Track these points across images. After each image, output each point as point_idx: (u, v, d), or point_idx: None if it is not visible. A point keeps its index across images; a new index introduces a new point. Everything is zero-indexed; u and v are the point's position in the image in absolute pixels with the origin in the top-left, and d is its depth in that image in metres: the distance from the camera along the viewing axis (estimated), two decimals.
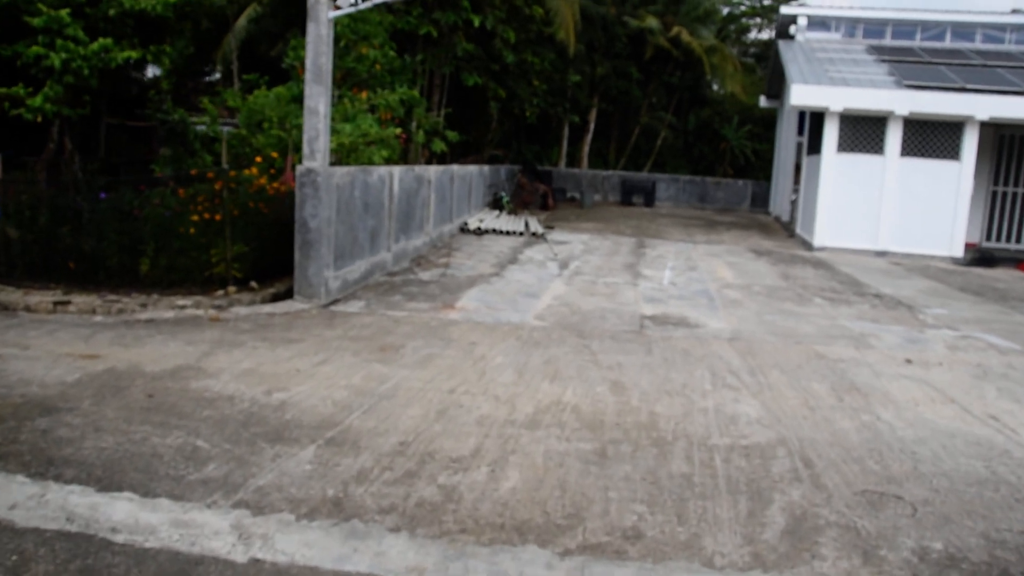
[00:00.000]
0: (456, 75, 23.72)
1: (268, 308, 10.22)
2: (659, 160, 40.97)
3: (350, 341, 8.78)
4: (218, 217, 11.11)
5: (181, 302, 10.40)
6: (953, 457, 6.14)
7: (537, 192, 26.74)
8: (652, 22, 36.30)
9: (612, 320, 10.43)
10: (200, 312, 9.91)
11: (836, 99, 18.95)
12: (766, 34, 49.63)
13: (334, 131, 13.57)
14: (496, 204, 23.67)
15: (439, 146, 21.17)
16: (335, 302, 10.65)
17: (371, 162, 14.03)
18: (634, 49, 37.33)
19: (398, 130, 13.94)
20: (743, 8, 48.66)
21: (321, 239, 10.24)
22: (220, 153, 13.93)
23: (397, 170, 13.42)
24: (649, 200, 31.46)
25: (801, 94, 19.09)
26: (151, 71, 25.75)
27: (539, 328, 9.78)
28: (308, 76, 10.32)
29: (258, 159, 11.99)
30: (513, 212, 23.28)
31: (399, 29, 21.25)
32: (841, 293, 13.66)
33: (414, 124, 20.99)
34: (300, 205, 10.25)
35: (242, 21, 28.21)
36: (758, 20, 49.26)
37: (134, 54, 12.76)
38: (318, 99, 10.24)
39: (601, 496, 5.18)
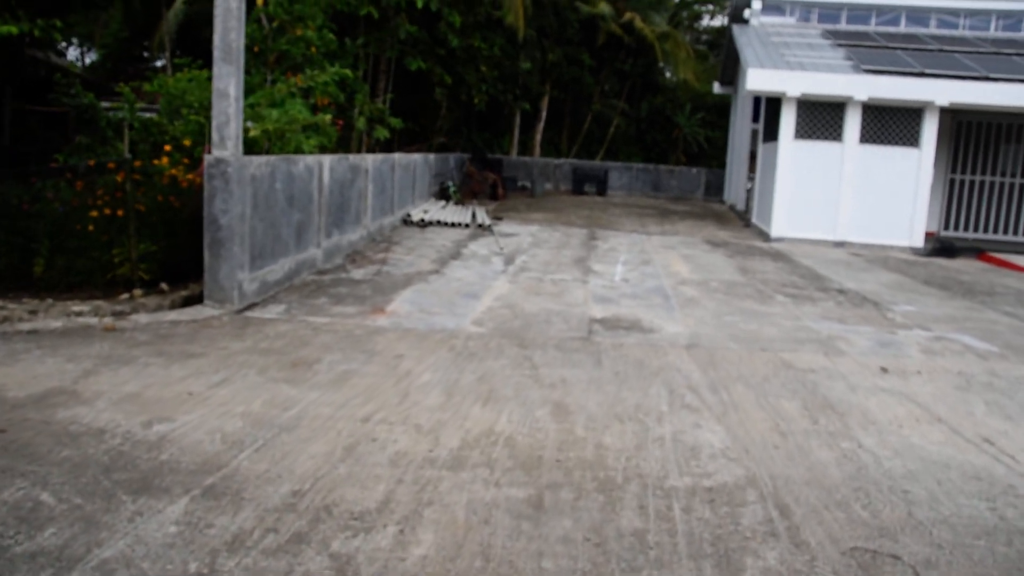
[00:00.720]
0: (402, 60, 22.49)
1: (173, 315, 8.99)
2: (612, 148, 40.03)
3: (259, 355, 7.60)
4: (120, 213, 9.86)
5: (77, 308, 9.14)
6: (952, 497, 5.14)
7: (486, 181, 25.60)
8: (604, 8, 35.28)
9: (558, 325, 9.35)
10: (94, 320, 8.65)
11: (794, 84, 18.01)
12: (718, 21, 48.86)
13: (259, 117, 12.32)
14: (443, 194, 22.50)
15: (382, 133, 19.94)
16: (251, 307, 9.45)
17: (301, 150, 12.79)
18: (586, 35, 36.31)
19: (328, 116, 12.70)
20: None
21: (233, 237, 9.03)
22: (135, 141, 12.60)
23: (328, 159, 12.22)
24: (602, 189, 30.45)
25: (757, 79, 18.13)
26: (74, 54, 24.22)
27: (476, 336, 8.66)
28: (216, 54, 9.07)
29: (167, 148, 10.70)
30: (460, 202, 22.13)
31: (339, 11, 19.96)
32: (803, 289, 12.72)
33: (356, 111, 19.74)
34: (209, 199, 9.03)
35: (179, 3, 26.72)
36: (710, 7, 48.45)
37: (13, 29, 11.35)
38: (228, 80, 9.01)
39: (533, 567, 4.09)
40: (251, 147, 12.12)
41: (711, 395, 7.01)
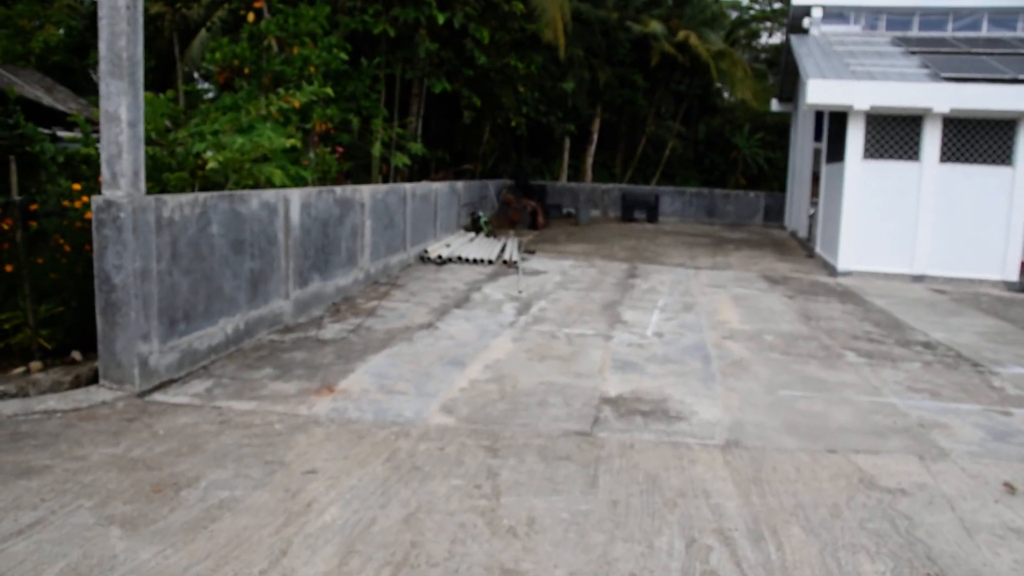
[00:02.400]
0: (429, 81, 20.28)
1: (54, 401, 6.74)
2: (668, 171, 37.41)
3: (119, 472, 5.29)
4: (9, 268, 7.69)
5: None
6: None
7: (525, 210, 23.20)
8: (656, 27, 32.83)
9: (555, 409, 6.87)
10: None
11: (861, 95, 15.29)
12: (777, 38, 46.04)
13: (220, 146, 10.11)
14: (475, 225, 20.15)
15: (400, 160, 17.72)
16: (163, 386, 7.16)
17: (271, 183, 10.56)
18: (638, 55, 33.84)
19: (289, 141, 10.40)
20: (752, 12, 45.09)
21: (130, 300, 6.76)
22: (87, 176, 10.49)
23: (297, 193, 9.95)
24: (652, 215, 27.82)
25: (819, 91, 15.44)
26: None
27: (436, 432, 6.23)
28: (103, 67, 6.84)
29: (76, 186, 8.50)
30: (492, 234, 19.75)
31: (355, 30, 17.84)
32: (880, 342, 10.02)
33: (373, 137, 17.54)
34: (99, 253, 6.79)
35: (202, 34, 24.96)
36: (768, 24, 45.67)
37: None
38: (118, 100, 6.77)
39: None
40: (208, 181, 9.93)
41: (751, 549, 4.46)
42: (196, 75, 29.67)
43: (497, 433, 6.22)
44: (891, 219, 15.80)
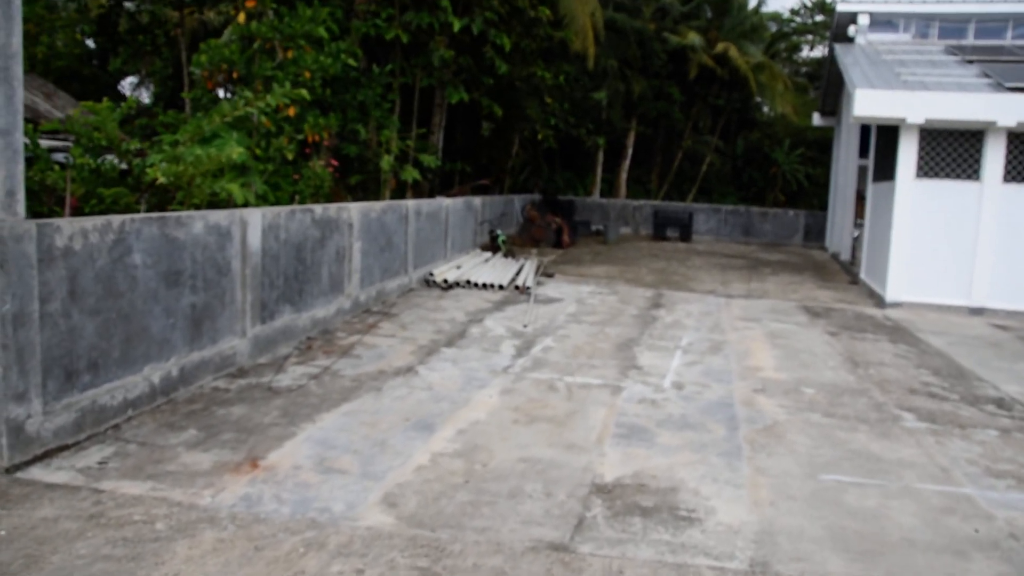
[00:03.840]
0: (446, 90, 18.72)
1: None
2: (704, 187, 35.54)
3: None
4: None
5: None
6: None
7: (550, 227, 21.50)
8: (694, 38, 31.05)
9: (530, 503, 5.19)
10: None
11: (915, 107, 13.42)
12: (819, 52, 43.97)
13: (175, 159, 8.59)
14: (493, 244, 18.50)
15: (410, 175, 16.15)
16: (49, 455, 5.61)
17: (229, 200, 9.02)
18: (675, 68, 32.08)
19: (239, 150, 8.80)
20: (793, 25, 43.08)
21: None
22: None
23: (258, 214, 8.38)
24: (685, 234, 25.96)
25: (868, 102, 13.59)
26: (129, 88, 21.28)
27: (362, 542, 4.59)
28: None
29: None
30: (511, 253, 18.09)
31: (367, 35, 16.31)
32: (943, 398, 8.20)
33: (383, 149, 15.99)
34: None
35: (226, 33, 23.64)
36: (810, 37, 43.63)
37: None
38: None
39: None
40: (167, 198, 8.42)
41: None
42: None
43: (443, 546, 4.56)
44: (946, 245, 13.88)
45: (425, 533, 4.71)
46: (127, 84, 31.82)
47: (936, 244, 13.91)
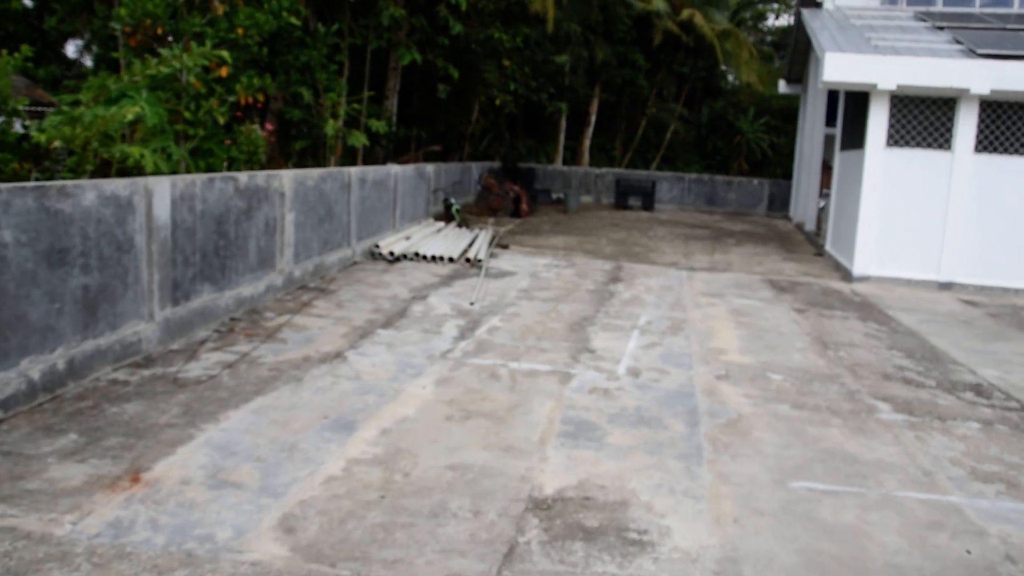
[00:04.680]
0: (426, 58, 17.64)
1: None
2: (668, 155, 34.70)
3: None
4: None
5: None
6: None
7: (508, 196, 20.57)
8: (660, 4, 30.12)
9: (454, 525, 4.37)
10: None
11: (886, 73, 12.65)
12: (784, 20, 43.20)
13: (71, 121, 7.57)
14: (447, 213, 17.56)
15: (358, 139, 15.15)
16: None
17: (140, 169, 8.03)
18: (640, 34, 31.10)
19: (134, 109, 7.78)
20: None
21: None
22: None
23: (166, 183, 7.41)
24: (648, 203, 25.15)
25: (837, 67, 12.80)
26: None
27: None
28: None
29: None
30: (464, 223, 17.16)
31: None
32: (919, 384, 7.49)
33: (327, 113, 14.96)
34: None
35: None
36: (775, 5, 42.75)
37: None
38: None
39: None
40: (40, 164, 7.41)
41: None
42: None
43: None
44: (916, 216, 13.20)
45: (323, 569, 3.87)
46: (73, 47, 30.25)
47: (906, 216, 13.22)
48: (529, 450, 5.43)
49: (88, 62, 28.02)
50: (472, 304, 9.89)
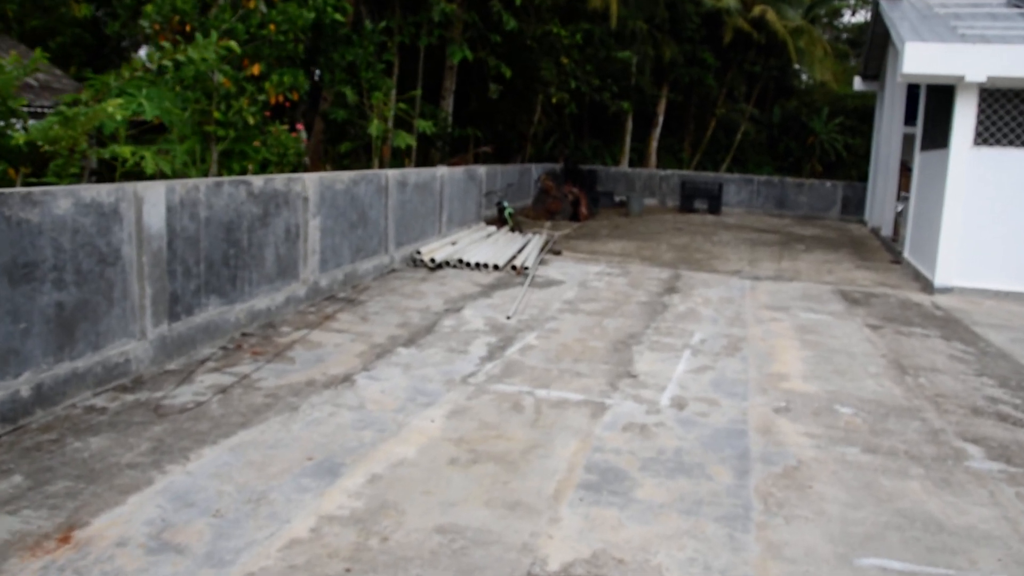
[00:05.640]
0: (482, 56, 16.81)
1: None
2: (738, 157, 33.26)
3: None
4: None
5: None
6: None
7: (566, 199, 19.58)
8: (730, 1, 28.74)
9: None
10: None
11: (975, 63, 11.32)
12: (861, 17, 41.27)
13: (65, 121, 6.89)
14: (500, 217, 16.68)
15: (403, 140, 14.39)
16: None
17: (140, 171, 7.32)
18: (709, 32, 29.76)
19: (118, 101, 7.04)
20: None
21: None
22: None
23: (160, 188, 6.66)
24: (715, 206, 23.88)
25: (919, 57, 11.51)
26: None
27: None
28: None
29: None
30: (518, 228, 16.24)
31: None
32: (1017, 422, 6.31)
33: (374, 113, 14.20)
34: None
35: None
36: (851, 1, 40.84)
37: None
38: None
39: None
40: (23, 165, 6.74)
41: None
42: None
43: None
44: (1006, 221, 11.81)
45: None
46: (143, 52, 30.36)
47: (994, 221, 11.85)
48: (539, 507, 4.48)
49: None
50: (508, 318, 8.97)
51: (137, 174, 8.05)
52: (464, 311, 9.29)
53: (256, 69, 10.80)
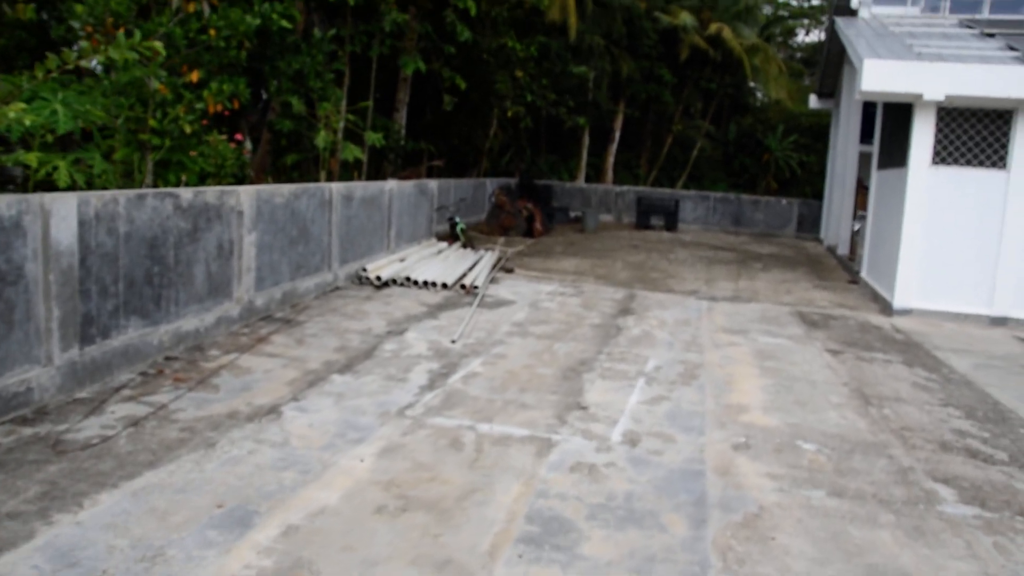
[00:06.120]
0: (435, 70, 16.28)
1: None
2: (695, 173, 33.08)
3: None
4: None
5: None
6: None
7: (520, 215, 19.12)
8: (687, 18, 28.72)
9: None
10: None
11: (933, 81, 11.08)
12: (814, 36, 41.59)
13: None
14: (452, 233, 16.15)
15: (351, 153, 13.80)
16: None
17: (50, 183, 6.70)
18: (666, 49, 29.60)
19: (15, 108, 6.42)
20: (789, 8, 40.49)
21: None
22: None
23: (72, 200, 6.05)
24: (671, 223, 23.58)
25: (877, 75, 11.23)
26: None
27: None
28: None
29: None
30: (470, 244, 15.72)
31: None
32: (988, 458, 5.92)
33: (321, 124, 13.62)
34: None
35: None
36: (806, 21, 41.11)
37: None
38: None
39: None
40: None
41: None
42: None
43: None
44: (966, 242, 11.57)
45: None
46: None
47: (953, 241, 11.61)
48: (472, 567, 3.96)
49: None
50: (453, 342, 8.44)
51: (54, 185, 7.41)
52: (407, 334, 8.74)
53: (195, 76, 10.18)
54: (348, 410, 6.14)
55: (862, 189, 18.09)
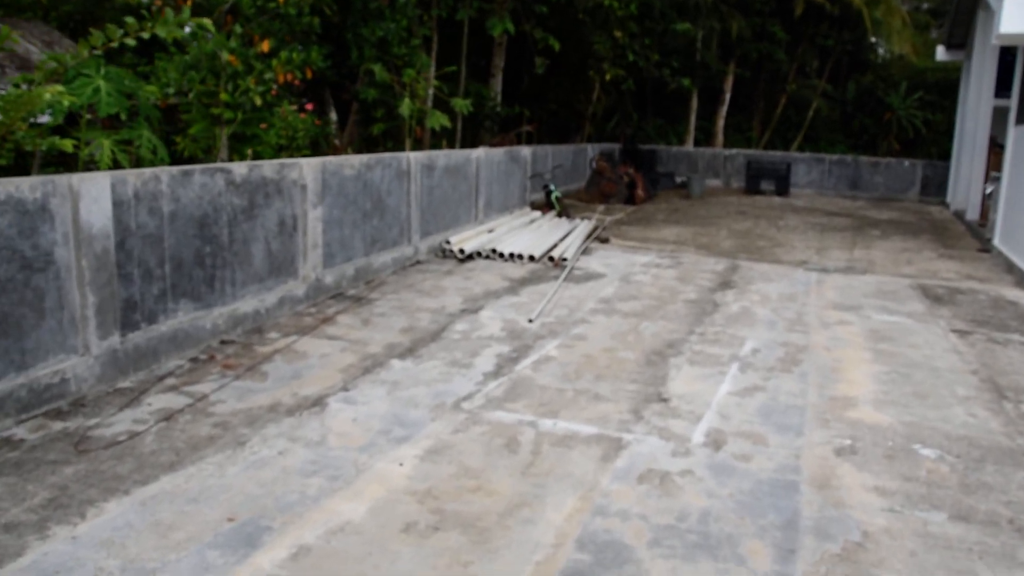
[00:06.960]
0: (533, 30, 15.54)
1: None
2: (810, 135, 31.22)
3: None
4: None
5: None
6: None
7: (621, 181, 18.18)
8: None
9: None
10: None
11: None
12: None
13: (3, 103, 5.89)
14: (547, 200, 15.40)
15: (437, 121, 13.19)
16: None
17: (93, 163, 6.29)
18: (779, 4, 27.86)
19: (56, 88, 5.96)
20: None
21: None
22: None
23: (100, 180, 5.62)
24: (782, 187, 22.15)
25: (1021, 14, 9.84)
26: None
27: None
28: None
29: None
30: (564, 212, 14.94)
31: None
32: None
33: (406, 92, 13.07)
34: None
35: None
36: None
37: None
38: None
39: None
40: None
41: None
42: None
43: None
44: None
45: None
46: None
47: None
48: None
49: None
50: (531, 321, 7.75)
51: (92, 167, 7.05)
52: (482, 312, 8.10)
53: (266, 45, 9.76)
54: (400, 402, 5.54)
55: (996, 148, 16.37)
